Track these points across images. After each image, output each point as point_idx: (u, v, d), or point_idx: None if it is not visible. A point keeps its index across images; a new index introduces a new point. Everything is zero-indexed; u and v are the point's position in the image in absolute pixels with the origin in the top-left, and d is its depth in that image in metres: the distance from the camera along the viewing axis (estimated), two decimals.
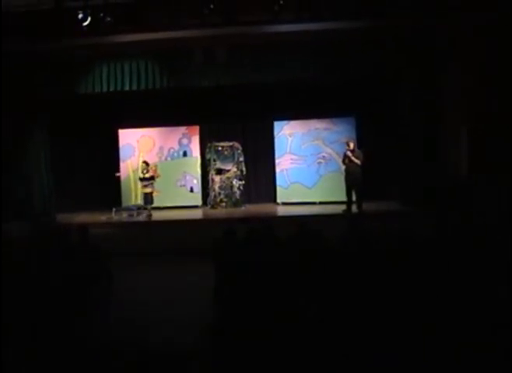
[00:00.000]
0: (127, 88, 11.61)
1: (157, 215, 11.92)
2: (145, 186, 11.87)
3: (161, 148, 13.55)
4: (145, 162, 12.08)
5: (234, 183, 12.85)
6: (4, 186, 11.64)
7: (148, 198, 11.82)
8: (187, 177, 13.45)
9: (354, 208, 10.93)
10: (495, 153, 9.75)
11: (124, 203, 13.06)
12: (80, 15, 9.68)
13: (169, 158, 13.54)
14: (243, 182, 13.01)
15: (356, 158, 10.78)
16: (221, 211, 12.40)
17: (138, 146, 13.55)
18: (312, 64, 11.16)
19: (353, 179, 10.86)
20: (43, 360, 3.58)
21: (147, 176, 11.87)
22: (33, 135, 12.01)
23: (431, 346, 3.49)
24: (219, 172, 12.95)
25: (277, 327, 3.71)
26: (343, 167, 11.22)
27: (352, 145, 10.92)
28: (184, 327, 5.64)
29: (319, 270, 4.69)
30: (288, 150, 13.12)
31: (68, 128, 12.62)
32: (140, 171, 12.12)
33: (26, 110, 11.77)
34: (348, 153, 10.82)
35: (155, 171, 12.27)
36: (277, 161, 13.21)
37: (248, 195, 13.47)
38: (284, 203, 13.01)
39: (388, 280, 4.54)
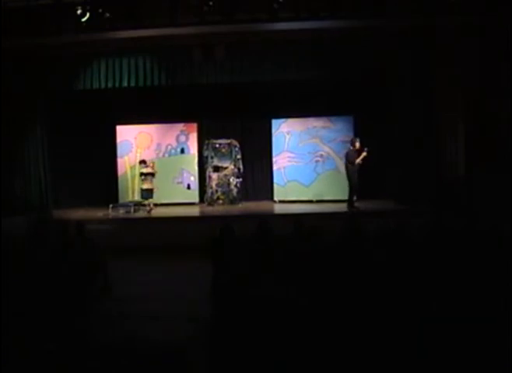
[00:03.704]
0: (125, 84, 11.61)
1: (153, 212, 11.95)
2: (143, 180, 12.10)
3: (159, 145, 13.54)
4: (142, 161, 12.31)
5: (231, 180, 12.85)
6: (1, 181, 11.63)
7: (143, 194, 12.06)
8: (185, 174, 13.45)
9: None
10: (493, 153, 9.79)
11: (121, 200, 13.05)
12: (79, 11, 9.67)
13: (166, 155, 13.54)
14: (241, 179, 13.02)
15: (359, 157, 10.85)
16: (218, 209, 12.40)
17: (136, 142, 13.54)
18: (311, 63, 11.18)
19: (356, 177, 10.92)
20: (41, 357, 3.58)
21: (144, 171, 12.12)
22: (30, 132, 12.03)
23: (430, 346, 3.51)
24: (217, 169, 12.94)
25: (275, 325, 3.72)
26: (352, 167, 10.96)
27: (358, 145, 10.94)
28: (180, 324, 5.65)
29: (317, 267, 4.70)
30: (285, 148, 13.13)
31: (65, 124, 12.62)
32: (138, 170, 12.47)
33: (23, 107, 11.76)
34: (364, 153, 10.78)
35: (152, 167, 12.31)
36: (274, 159, 13.21)
37: (245, 192, 13.48)
38: (281, 201, 13.03)
39: (384, 278, 4.56)
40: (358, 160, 10.79)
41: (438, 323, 3.70)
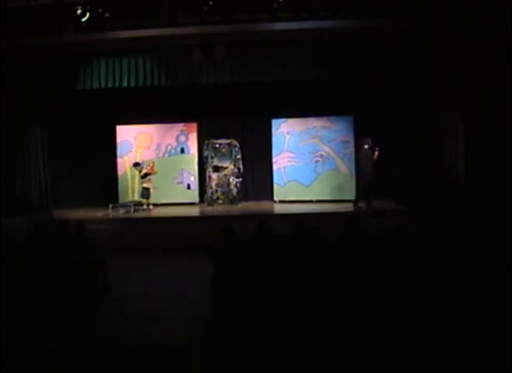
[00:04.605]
0: (125, 84, 11.61)
1: (153, 212, 12.00)
2: (143, 182, 12.31)
3: (159, 145, 13.53)
4: (135, 164, 12.48)
5: (231, 180, 12.84)
6: (2, 181, 11.63)
7: (144, 193, 12.21)
8: (185, 174, 13.44)
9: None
10: (493, 153, 9.79)
11: (121, 200, 13.04)
12: (79, 11, 9.67)
13: (166, 155, 13.53)
14: (241, 179, 13.01)
15: None
16: (218, 208, 12.40)
17: (136, 142, 13.53)
18: (311, 63, 11.18)
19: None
20: (41, 357, 3.58)
21: (144, 171, 12.28)
22: (30, 132, 12.03)
23: (429, 346, 3.51)
24: (217, 169, 12.93)
25: (275, 325, 3.72)
26: (369, 162, 11.17)
27: (370, 143, 11.15)
28: (180, 324, 5.65)
29: (317, 267, 4.70)
30: (285, 148, 13.12)
31: (65, 124, 12.63)
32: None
33: (23, 106, 11.76)
34: (376, 152, 11.01)
35: (152, 168, 12.35)
36: (274, 159, 13.20)
37: (245, 192, 13.48)
38: (281, 201, 13.02)
39: (384, 278, 4.55)
40: (375, 157, 10.90)
41: (438, 323, 3.70)
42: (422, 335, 3.59)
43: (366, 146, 11.13)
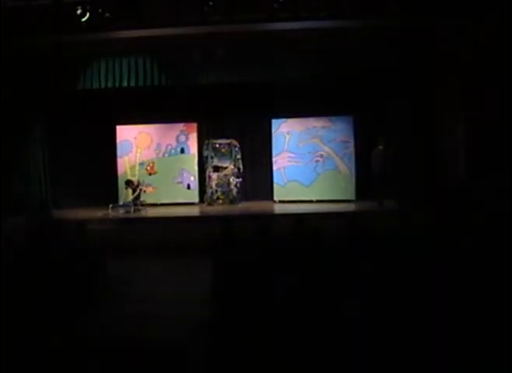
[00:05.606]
0: (125, 84, 11.61)
1: (152, 212, 12.01)
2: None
3: (159, 145, 13.54)
4: (127, 183, 12.38)
5: (231, 180, 12.86)
6: (2, 181, 11.64)
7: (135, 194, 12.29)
8: (185, 174, 13.45)
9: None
10: (493, 153, 9.78)
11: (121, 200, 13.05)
12: (79, 11, 9.68)
13: (166, 155, 13.53)
14: (241, 179, 13.03)
15: None
16: (218, 208, 12.41)
17: (136, 142, 13.53)
18: (311, 63, 11.18)
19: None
20: (41, 357, 3.58)
21: (133, 186, 12.29)
22: (30, 131, 12.04)
23: (430, 345, 3.51)
24: (216, 169, 12.95)
25: (275, 325, 3.73)
26: (383, 162, 11.30)
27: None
28: (180, 324, 5.65)
29: (317, 267, 4.71)
30: (285, 148, 13.13)
31: (65, 124, 12.64)
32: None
33: (23, 106, 11.76)
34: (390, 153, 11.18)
35: (152, 168, 12.35)
36: (274, 159, 13.21)
37: (245, 192, 13.48)
38: (281, 201, 13.03)
39: (384, 278, 4.56)
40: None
41: (438, 322, 3.71)
42: (423, 335, 3.60)
43: (380, 147, 11.17)
